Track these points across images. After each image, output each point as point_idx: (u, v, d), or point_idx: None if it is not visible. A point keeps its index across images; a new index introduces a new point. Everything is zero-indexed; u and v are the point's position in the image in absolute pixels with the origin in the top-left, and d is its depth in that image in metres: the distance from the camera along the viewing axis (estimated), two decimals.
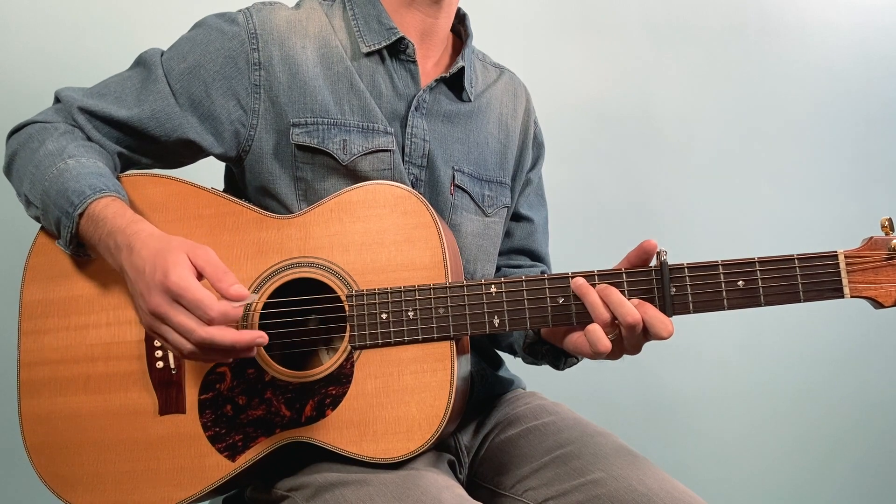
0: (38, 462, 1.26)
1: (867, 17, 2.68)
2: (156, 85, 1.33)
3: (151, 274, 1.10)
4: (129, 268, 1.14)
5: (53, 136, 1.28)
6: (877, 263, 1.17)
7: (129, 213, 1.20)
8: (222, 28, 1.35)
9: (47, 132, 1.30)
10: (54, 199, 1.22)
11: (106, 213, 1.19)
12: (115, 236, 1.17)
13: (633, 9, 2.55)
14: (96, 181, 1.22)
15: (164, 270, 1.09)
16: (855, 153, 2.65)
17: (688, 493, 1.22)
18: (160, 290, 1.09)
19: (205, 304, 1.06)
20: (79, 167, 1.23)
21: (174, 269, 1.08)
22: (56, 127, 1.31)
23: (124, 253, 1.15)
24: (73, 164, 1.24)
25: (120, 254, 1.16)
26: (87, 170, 1.23)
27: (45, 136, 1.29)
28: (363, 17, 1.41)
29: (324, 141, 1.33)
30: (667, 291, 1.19)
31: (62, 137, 1.28)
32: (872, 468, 2.65)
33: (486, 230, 1.48)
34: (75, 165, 1.23)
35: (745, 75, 2.60)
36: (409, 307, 1.22)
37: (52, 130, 1.30)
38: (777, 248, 1.30)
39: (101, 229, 1.19)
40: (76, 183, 1.21)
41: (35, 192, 1.25)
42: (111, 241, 1.18)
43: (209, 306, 1.06)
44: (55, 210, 1.22)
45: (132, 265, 1.14)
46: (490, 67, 1.58)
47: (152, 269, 1.10)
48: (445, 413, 1.20)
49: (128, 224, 1.18)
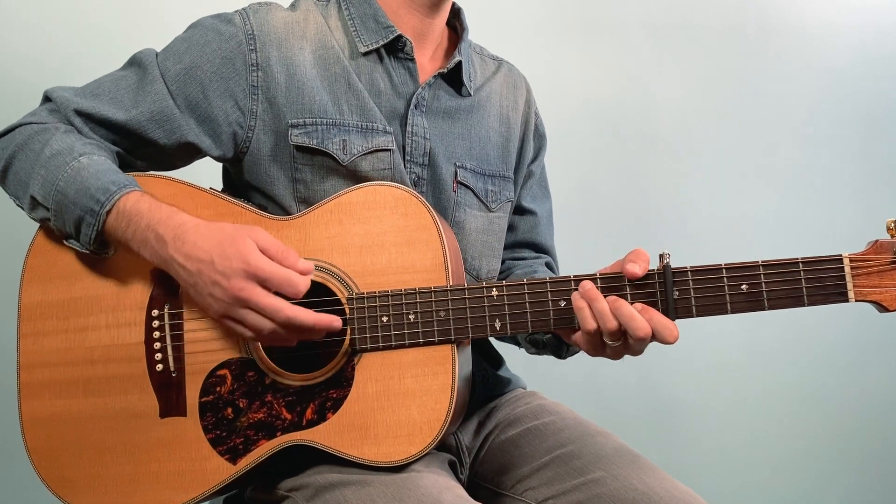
0: (39, 464, 1.26)
1: (867, 17, 2.68)
2: (153, 86, 1.31)
3: (225, 261, 1.14)
4: (186, 258, 1.16)
5: (56, 136, 1.27)
6: (882, 267, 1.16)
7: (164, 206, 1.21)
8: (219, 29, 1.34)
9: (48, 132, 1.28)
10: (73, 198, 1.21)
11: (139, 208, 1.20)
12: (155, 229, 1.18)
13: (633, 9, 2.55)
14: (116, 177, 1.22)
15: (241, 257, 1.13)
16: (858, 154, 2.65)
17: (688, 492, 1.22)
18: (242, 276, 1.13)
19: (294, 280, 1.13)
20: (94, 164, 1.23)
21: (252, 254, 1.14)
22: (56, 126, 1.29)
23: (172, 244, 1.17)
24: (87, 161, 1.23)
25: (166, 246, 1.18)
26: (103, 166, 1.23)
27: (47, 136, 1.27)
28: (360, 17, 1.40)
29: (323, 141, 1.33)
30: (670, 295, 1.18)
31: (66, 136, 1.27)
32: (875, 471, 2.65)
33: (491, 226, 1.48)
34: (89, 163, 1.23)
35: (745, 75, 2.60)
36: (409, 310, 1.22)
37: (53, 130, 1.28)
38: (780, 251, 1.29)
39: (137, 223, 1.19)
40: (97, 180, 1.21)
41: (46, 193, 1.24)
42: (150, 234, 1.19)
43: (298, 282, 1.13)
44: (75, 209, 1.21)
45: (189, 256, 1.16)
46: (488, 60, 1.58)
47: (223, 257, 1.14)
48: (447, 417, 1.19)
49: (168, 216, 1.19)
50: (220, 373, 1.24)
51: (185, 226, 1.18)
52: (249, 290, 1.13)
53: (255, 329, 1.15)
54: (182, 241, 1.17)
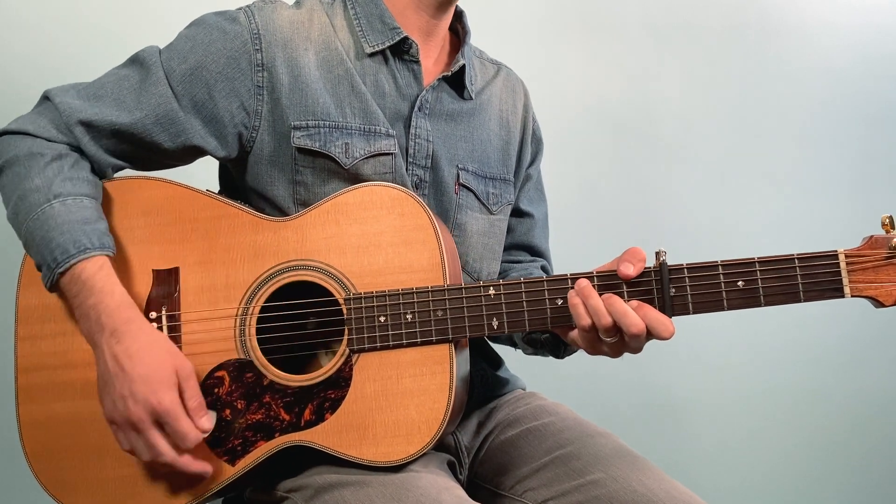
0: (37, 467, 1.26)
1: (867, 17, 2.68)
2: (157, 87, 1.30)
3: (143, 386, 1.15)
4: (111, 357, 1.17)
5: (39, 166, 1.24)
6: (877, 262, 1.16)
7: (118, 292, 1.20)
8: (223, 27, 1.33)
9: (34, 161, 1.25)
10: (38, 245, 1.21)
11: (93, 284, 1.19)
12: (99, 314, 1.18)
13: (633, 9, 2.55)
14: (80, 235, 1.20)
15: (156, 391, 1.15)
16: (855, 153, 2.65)
17: (688, 493, 1.22)
18: (146, 408, 1.15)
19: (188, 438, 1.16)
20: (64, 212, 1.21)
21: (167, 394, 1.16)
22: (43, 153, 1.26)
23: (107, 337, 1.18)
24: (59, 208, 1.21)
25: (102, 334, 1.18)
26: (71, 216, 1.21)
27: (31, 164, 1.25)
28: (366, 17, 1.40)
29: (326, 144, 1.32)
30: (666, 292, 1.18)
31: (48, 169, 1.24)
32: (873, 468, 2.64)
33: (492, 228, 1.48)
34: (61, 210, 1.21)
35: (745, 75, 2.60)
36: (407, 310, 1.22)
37: (39, 158, 1.25)
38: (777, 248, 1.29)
39: (84, 298, 1.19)
40: (60, 235, 1.19)
41: (18, 224, 1.24)
42: (93, 314, 1.19)
43: (191, 440, 1.16)
44: (37, 255, 1.22)
45: (116, 358, 1.17)
46: (487, 64, 1.58)
47: (143, 380, 1.15)
48: (445, 416, 1.19)
49: (117, 306, 1.19)
50: (217, 374, 1.24)
51: (127, 325, 1.18)
52: (146, 424, 1.15)
53: (133, 449, 1.18)
54: (117, 340, 1.17)
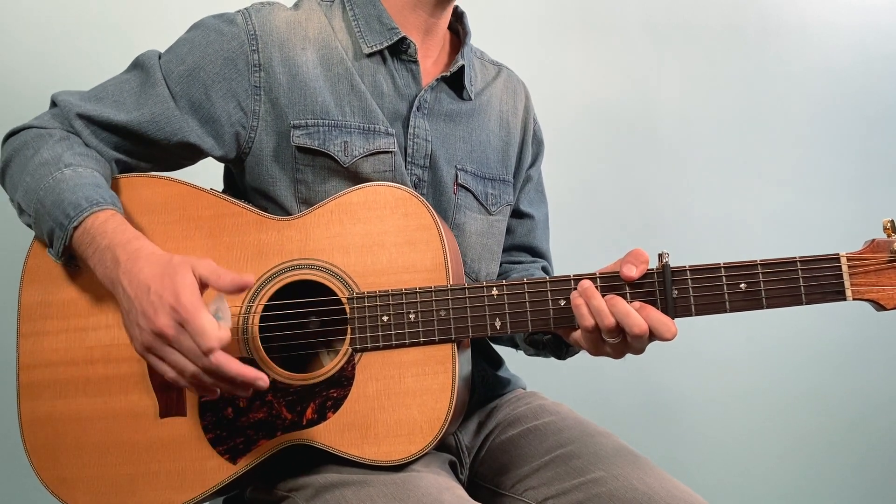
0: (38, 464, 1.26)
1: (867, 17, 2.68)
2: (155, 88, 1.32)
3: (158, 293, 1.09)
4: (128, 283, 1.13)
5: (49, 144, 1.27)
6: (879, 266, 1.17)
7: (130, 229, 1.19)
8: (221, 29, 1.34)
9: (42, 139, 1.28)
10: (49, 209, 1.20)
11: (105, 228, 1.18)
12: (113, 250, 1.16)
13: (633, 9, 2.55)
14: (93, 193, 1.20)
15: (173, 291, 1.08)
16: (856, 154, 2.65)
17: (688, 492, 1.22)
18: (170, 313, 1.08)
19: (206, 332, 1.06)
20: (75, 177, 1.22)
21: (184, 290, 1.08)
22: (51, 134, 1.29)
23: (123, 267, 1.14)
24: (70, 173, 1.22)
25: (118, 268, 1.15)
26: (83, 180, 1.22)
27: (41, 143, 1.27)
28: (364, 18, 1.40)
29: (325, 143, 1.33)
30: (669, 294, 1.18)
31: (58, 145, 1.27)
32: (873, 469, 2.65)
33: (491, 229, 1.48)
34: (71, 175, 1.22)
35: (745, 75, 2.60)
36: (410, 309, 1.22)
37: (48, 137, 1.28)
38: (778, 250, 1.29)
39: (99, 242, 1.18)
40: (72, 194, 1.19)
41: (28, 200, 1.24)
42: (108, 255, 1.16)
43: (209, 335, 1.06)
44: (49, 220, 1.21)
45: (132, 281, 1.13)
46: (488, 65, 1.58)
47: (159, 287, 1.09)
48: (447, 416, 1.20)
49: (129, 239, 1.17)
50: None
51: (140, 251, 1.15)
52: (173, 329, 1.08)
53: (177, 369, 1.11)
54: (132, 265, 1.14)
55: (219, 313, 1.11)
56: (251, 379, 1.10)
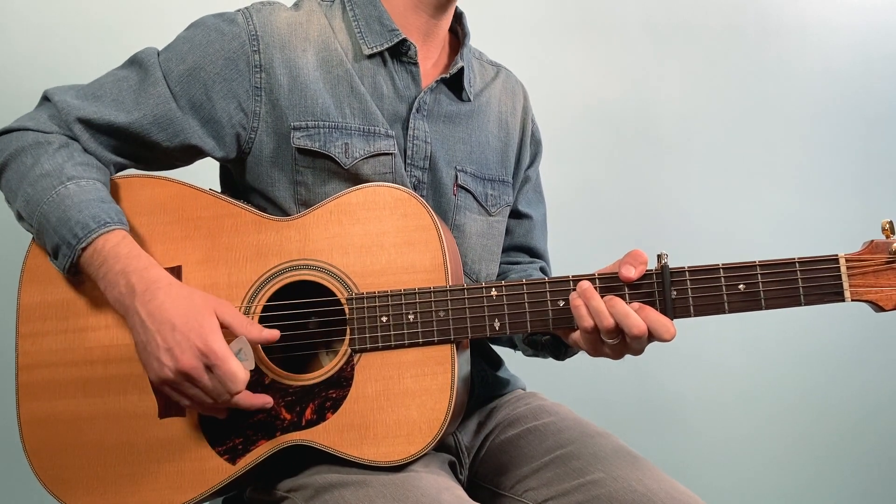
0: (37, 465, 1.26)
1: (867, 17, 2.68)
2: (155, 87, 1.31)
3: (184, 333, 1.14)
4: (147, 315, 1.16)
5: (48, 153, 1.25)
6: (877, 267, 1.17)
7: (144, 256, 1.21)
8: (222, 29, 1.33)
9: (41, 148, 1.26)
10: (54, 225, 1.20)
11: (119, 252, 1.19)
12: (128, 276, 1.18)
13: (633, 9, 2.55)
14: (99, 211, 1.21)
15: (201, 335, 1.14)
16: (855, 155, 2.65)
17: (687, 493, 1.22)
18: (196, 354, 1.14)
19: (238, 378, 1.15)
20: (80, 192, 1.22)
21: (212, 335, 1.15)
22: (50, 141, 1.27)
23: (140, 298, 1.17)
24: (74, 188, 1.22)
25: (133, 297, 1.17)
26: (88, 196, 1.22)
27: (40, 152, 1.26)
28: (364, 19, 1.40)
29: (325, 144, 1.33)
30: (668, 295, 1.18)
31: (58, 154, 1.25)
32: (872, 470, 2.65)
33: (490, 229, 1.48)
34: (76, 191, 1.22)
35: (745, 75, 2.60)
36: (409, 310, 1.22)
37: (47, 146, 1.26)
38: (777, 250, 1.29)
39: (111, 265, 1.19)
40: (79, 213, 1.20)
41: (30, 212, 1.23)
42: (122, 280, 1.18)
43: (241, 381, 1.15)
44: (54, 237, 1.21)
45: (152, 314, 1.16)
46: (487, 66, 1.58)
47: (185, 327, 1.14)
48: (446, 417, 1.20)
49: (145, 267, 1.19)
50: None
51: (158, 283, 1.18)
52: (200, 371, 1.14)
53: (196, 401, 1.18)
54: (151, 297, 1.16)
55: (241, 354, 1.17)
56: (260, 406, 1.21)
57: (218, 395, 1.15)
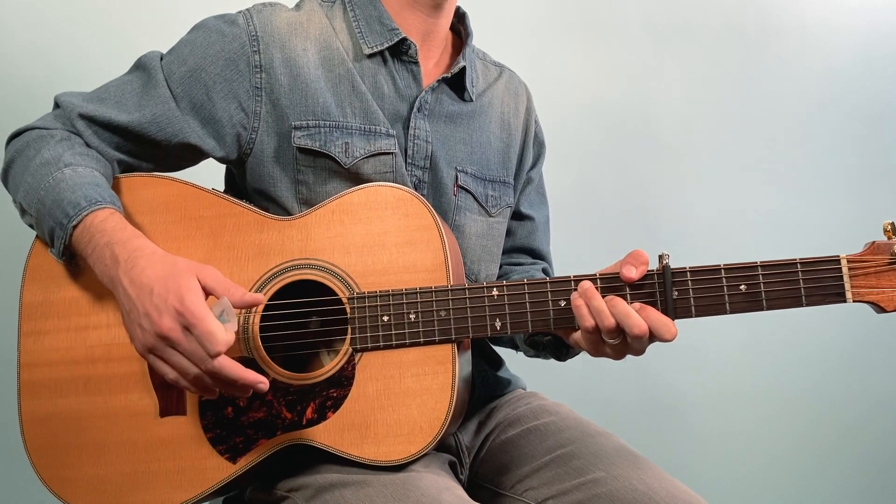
0: (38, 463, 1.26)
1: (867, 17, 2.68)
2: (156, 89, 1.32)
3: (162, 296, 1.10)
4: (130, 283, 1.13)
5: (50, 144, 1.27)
6: (879, 268, 1.17)
7: (129, 228, 1.19)
8: (222, 30, 1.34)
9: (44, 140, 1.28)
10: (49, 208, 1.21)
11: (105, 226, 1.18)
12: (112, 248, 1.16)
13: (633, 9, 2.55)
14: (92, 192, 1.21)
15: (178, 294, 1.09)
16: (856, 155, 2.65)
17: (688, 492, 1.22)
18: (174, 315, 1.09)
19: (215, 336, 1.07)
20: (75, 177, 1.22)
21: (189, 295, 1.09)
22: (52, 135, 1.29)
23: (123, 266, 1.14)
24: (70, 173, 1.22)
25: (117, 267, 1.15)
26: (83, 179, 1.22)
27: (42, 144, 1.28)
28: (364, 19, 1.40)
29: (326, 144, 1.33)
30: (669, 295, 1.18)
31: (59, 145, 1.27)
32: (873, 469, 2.65)
33: (490, 230, 1.48)
34: (71, 175, 1.22)
35: (745, 75, 2.60)
36: (410, 309, 1.22)
37: (49, 138, 1.28)
38: (778, 251, 1.30)
39: (98, 240, 1.18)
40: (72, 194, 1.20)
41: (30, 200, 1.24)
42: (107, 252, 1.17)
43: (219, 339, 1.07)
44: (49, 220, 1.21)
45: (133, 281, 1.13)
46: (490, 66, 1.58)
47: (163, 290, 1.10)
48: (447, 416, 1.20)
49: (128, 238, 1.17)
50: None
51: (140, 251, 1.16)
52: (178, 332, 1.09)
53: (179, 370, 1.12)
54: (132, 265, 1.14)
55: (223, 315, 1.11)
56: (251, 382, 1.11)
57: (200, 360, 1.09)
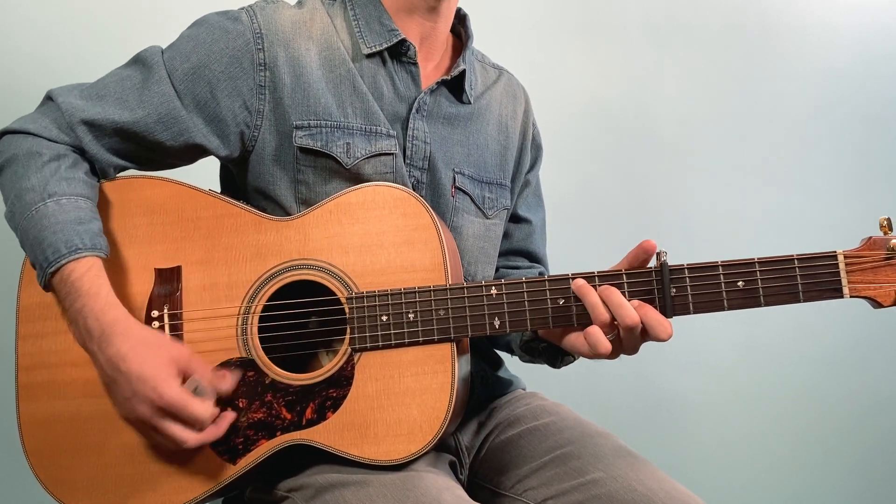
0: (37, 466, 1.26)
1: (867, 17, 2.68)
2: (159, 86, 1.30)
3: (140, 384, 1.15)
4: (106, 362, 1.17)
5: (36, 166, 1.25)
6: (876, 263, 1.17)
7: (103, 293, 1.19)
8: (226, 27, 1.33)
9: (32, 160, 1.25)
10: (31, 244, 1.21)
11: (80, 286, 1.18)
12: (86, 318, 1.18)
13: (633, 10, 2.55)
14: (72, 235, 1.20)
15: (154, 387, 1.14)
16: (854, 153, 2.65)
17: (687, 493, 1.22)
18: (151, 405, 1.15)
19: (201, 419, 1.16)
20: (58, 212, 1.21)
21: (166, 387, 1.15)
22: (41, 153, 1.26)
23: (97, 341, 1.17)
24: (53, 207, 1.21)
25: (91, 339, 1.18)
26: (65, 216, 1.21)
27: (29, 164, 1.25)
28: (364, 18, 1.40)
29: (327, 144, 1.33)
30: (667, 292, 1.19)
31: (45, 168, 1.24)
32: (872, 469, 2.64)
33: (487, 232, 1.48)
34: (54, 210, 1.21)
35: (745, 76, 2.60)
36: (409, 309, 1.22)
37: (37, 157, 1.25)
38: (776, 248, 1.29)
39: (72, 301, 1.19)
40: (52, 234, 1.19)
41: (14, 224, 1.24)
42: (80, 320, 1.18)
43: (206, 420, 1.17)
44: (31, 254, 1.22)
45: (109, 360, 1.16)
46: (489, 68, 1.58)
47: (139, 380, 1.15)
48: (446, 415, 1.20)
49: (101, 309, 1.18)
50: (218, 373, 1.24)
51: (114, 326, 1.17)
52: (156, 419, 1.15)
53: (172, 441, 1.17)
54: (107, 344, 1.16)
55: (198, 390, 1.18)
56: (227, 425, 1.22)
57: (184, 441, 1.16)
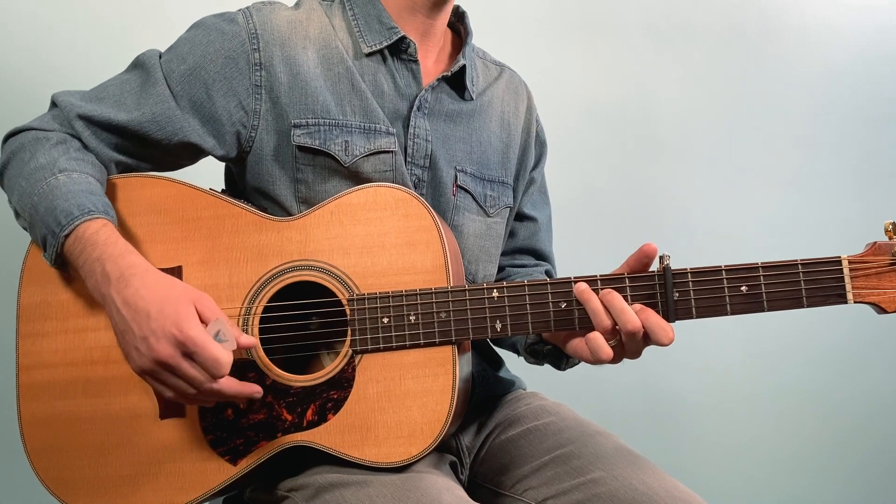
0: (38, 466, 1.26)
1: (867, 17, 2.68)
2: (155, 88, 1.32)
3: (159, 321, 1.10)
4: (123, 304, 1.13)
5: (45, 148, 1.26)
6: (880, 269, 1.17)
7: (121, 242, 1.18)
8: (222, 28, 1.34)
9: (39, 143, 1.27)
10: (42, 216, 1.20)
11: (96, 239, 1.17)
12: (103, 263, 1.16)
13: (633, 9, 2.54)
14: (85, 200, 1.20)
15: (175, 321, 1.10)
16: (857, 155, 2.65)
17: (688, 492, 1.22)
18: (171, 341, 1.10)
19: (221, 362, 1.09)
20: (69, 183, 1.21)
21: (188, 322, 1.10)
22: (48, 137, 1.28)
23: (115, 284, 1.14)
24: (64, 179, 1.22)
25: (109, 284, 1.15)
26: (77, 187, 1.21)
27: (37, 147, 1.27)
28: (363, 17, 1.40)
29: (325, 142, 1.33)
30: (669, 296, 1.18)
31: (54, 149, 1.26)
32: (874, 471, 2.65)
33: (489, 230, 1.48)
34: (65, 181, 1.22)
35: (745, 75, 2.60)
36: (410, 311, 1.22)
37: (45, 141, 1.28)
38: (778, 252, 1.30)
39: (89, 253, 1.17)
40: (65, 202, 1.19)
41: (24, 205, 1.24)
42: (98, 267, 1.16)
43: (224, 364, 1.10)
44: (42, 227, 1.21)
45: (127, 301, 1.13)
46: (490, 65, 1.58)
47: (160, 315, 1.11)
48: (447, 418, 1.20)
49: (120, 254, 1.17)
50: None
51: (133, 268, 1.15)
52: (177, 358, 1.10)
53: (178, 391, 1.13)
54: (125, 284, 1.14)
55: (220, 335, 1.12)
56: (248, 394, 1.16)
57: (200, 384, 1.11)
